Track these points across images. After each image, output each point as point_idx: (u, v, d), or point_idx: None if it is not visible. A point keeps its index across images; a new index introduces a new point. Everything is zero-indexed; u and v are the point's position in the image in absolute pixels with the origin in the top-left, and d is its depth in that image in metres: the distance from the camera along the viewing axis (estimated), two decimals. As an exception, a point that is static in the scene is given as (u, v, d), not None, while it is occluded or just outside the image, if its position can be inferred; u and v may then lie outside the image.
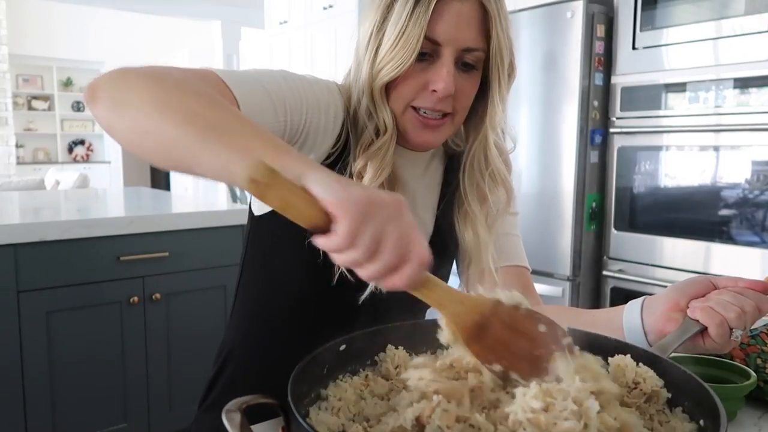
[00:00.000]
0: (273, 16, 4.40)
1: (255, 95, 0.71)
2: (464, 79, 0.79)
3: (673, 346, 0.61)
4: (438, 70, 0.76)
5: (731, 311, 0.65)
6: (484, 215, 0.88)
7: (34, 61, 8.39)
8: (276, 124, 0.74)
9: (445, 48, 0.76)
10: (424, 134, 0.81)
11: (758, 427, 0.71)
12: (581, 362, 0.51)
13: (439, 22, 0.75)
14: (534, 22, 2.38)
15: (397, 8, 0.76)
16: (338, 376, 0.57)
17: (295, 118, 0.76)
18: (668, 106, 2.10)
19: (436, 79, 0.76)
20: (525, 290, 0.92)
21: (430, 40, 0.75)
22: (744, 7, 1.91)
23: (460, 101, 0.80)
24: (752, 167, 1.92)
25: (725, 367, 0.75)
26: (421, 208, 0.90)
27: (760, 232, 1.93)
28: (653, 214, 2.21)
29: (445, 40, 0.76)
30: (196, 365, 2.13)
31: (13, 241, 1.74)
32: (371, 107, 0.80)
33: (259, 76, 0.74)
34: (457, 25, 0.75)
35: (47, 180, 5.72)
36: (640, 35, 2.16)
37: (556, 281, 2.36)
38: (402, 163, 0.87)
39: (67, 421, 1.92)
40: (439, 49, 0.76)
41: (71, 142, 9.25)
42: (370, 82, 0.79)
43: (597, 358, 0.53)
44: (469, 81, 0.80)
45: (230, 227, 2.16)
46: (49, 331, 1.87)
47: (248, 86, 0.71)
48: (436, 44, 0.76)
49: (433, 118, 0.80)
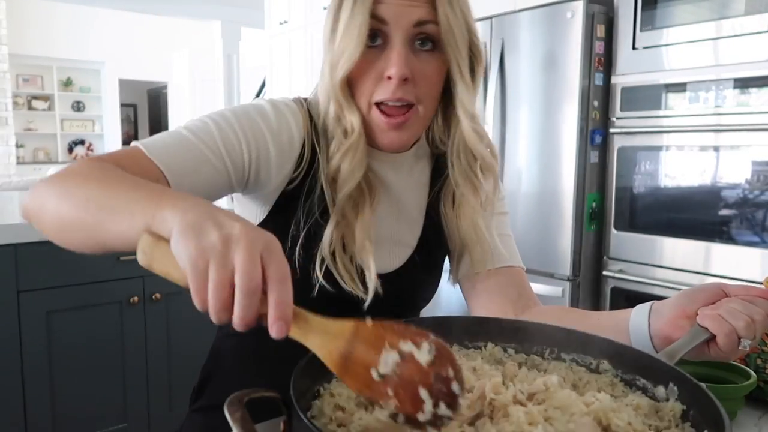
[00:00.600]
0: (273, 16, 4.40)
1: (184, 156, 0.71)
2: (422, 62, 0.76)
3: (681, 352, 0.60)
4: (389, 54, 0.74)
5: (741, 320, 0.63)
6: (478, 204, 0.86)
7: (34, 61, 8.39)
8: (217, 174, 0.74)
9: (394, 29, 0.73)
10: (390, 134, 0.78)
11: (758, 427, 0.71)
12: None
13: (384, 1, 0.73)
14: (534, 22, 2.38)
15: (345, 3, 0.75)
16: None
17: (237, 159, 0.75)
18: (668, 106, 2.10)
19: (388, 64, 0.74)
20: (521, 291, 0.91)
21: (378, 19, 0.73)
22: (744, 7, 1.90)
23: (422, 87, 0.76)
24: (752, 167, 1.92)
25: (725, 367, 0.75)
26: (409, 209, 0.89)
27: (760, 232, 1.93)
28: (653, 214, 2.21)
29: (391, 18, 0.73)
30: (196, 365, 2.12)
31: (13, 241, 1.74)
32: (338, 110, 0.78)
33: (192, 130, 0.74)
34: (402, 1, 0.73)
35: (47, 180, 5.71)
36: (640, 35, 2.15)
37: (556, 281, 2.36)
38: (384, 167, 0.85)
39: (67, 421, 1.92)
40: (388, 31, 0.74)
41: (71, 142, 9.25)
42: (332, 83, 0.77)
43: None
44: (429, 64, 0.76)
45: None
46: (49, 331, 1.87)
47: (175, 150, 0.71)
48: (385, 23, 0.73)
49: (397, 112, 0.76)
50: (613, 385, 0.57)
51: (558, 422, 0.46)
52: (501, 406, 0.48)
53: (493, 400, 0.49)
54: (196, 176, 0.72)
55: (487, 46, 2.55)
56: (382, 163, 0.85)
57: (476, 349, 0.64)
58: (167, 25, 8.59)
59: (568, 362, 0.61)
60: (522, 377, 0.56)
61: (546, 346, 0.63)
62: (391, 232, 0.87)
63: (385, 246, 0.87)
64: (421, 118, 0.79)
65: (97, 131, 9.35)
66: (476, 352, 0.63)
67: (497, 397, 0.49)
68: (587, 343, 0.61)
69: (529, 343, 0.63)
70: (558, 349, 0.62)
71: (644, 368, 0.57)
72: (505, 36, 2.49)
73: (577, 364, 0.61)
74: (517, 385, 0.52)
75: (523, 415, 0.46)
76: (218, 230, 0.44)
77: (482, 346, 0.64)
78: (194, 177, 0.71)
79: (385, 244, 0.86)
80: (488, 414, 0.48)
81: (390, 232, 0.87)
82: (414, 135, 0.81)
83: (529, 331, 0.64)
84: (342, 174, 0.78)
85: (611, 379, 0.58)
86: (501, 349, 0.64)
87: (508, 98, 2.49)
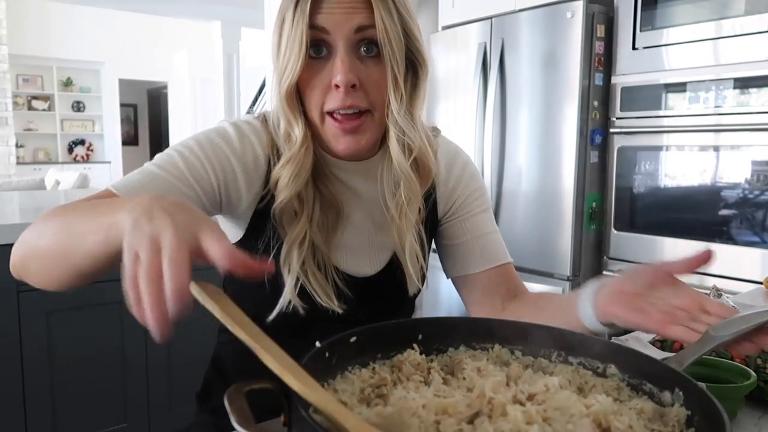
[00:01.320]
0: (273, 16, 4.39)
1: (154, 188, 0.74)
2: (369, 68, 0.76)
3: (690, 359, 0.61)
4: (334, 62, 0.75)
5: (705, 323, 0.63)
6: (406, 216, 0.84)
7: (34, 61, 8.40)
8: (188, 200, 0.76)
9: (336, 36, 0.74)
10: (345, 140, 0.78)
11: (758, 427, 0.71)
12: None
13: (323, 10, 0.74)
14: (534, 22, 2.38)
15: (287, 17, 0.76)
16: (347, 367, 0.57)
17: (206, 185, 0.78)
18: (668, 106, 2.10)
19: (334, 72, 0.74)
20: (511, 285, 0.93)
21: (318, 29, 0.74)
22: (744, 7, 1.91)
23: (372, 93, 0.77)
24: (752, 167, 1.92)
25: (725, 367, 0.75)
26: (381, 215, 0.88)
27: (760, 232, 1.93)
28: (653, 214, 2.21)
29: (331, 26, 0.74)
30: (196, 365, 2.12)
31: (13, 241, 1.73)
32: (286, 123, 0.79)
33: (159, 164, 0.77)
34: (340, 7, 0.74)
35: (47, 180, 5.72)
36: (640, 35, 2.16)
37: (556, 281, 2.36)
38: (352, 176, 0.86)
39: (67, 421, 1.92)
40: (331, 40, 0.75)
41: (71, 142, 9.26)
42: (279, 97, 0.78)
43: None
44: (376, 69, 0.76)
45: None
46: (49, 331, 1.87)
47: (145, 185, 0.74)
48: (326, 33, 0.74)
49: (349, 120, 0.77)
50: (619, 389, 0.57)
51: (557, 423, 0.46)
52: (500, 405, 0.48)
53: (492, 399, 0.49)
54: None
55: (487, 46, 2.55)
56: (349, 173, 0.86)
57: (483, 350, 0.64)
58: (167, 25, 8.60)
59: (575, 365, 0.61)
60: (526, 379, 0.56)
61: (553, 349, 0.63)
62: (369, 237, 0.89)
63: (365, 251, 0.88)
64: (377, 124, 0.79)
65: (97, 131, 9.36)
66: (483, 353, 0.63)
67: (496, 396, 0.49)
68: (594, 346, 0.61)
69: (537, 346, 0.63)
70: (565, 352, 0.62)
71: (651, 373, 0.56)
72: (505, 36, 2.49)
73: (584, 367, 0.61)
74: (519, 386, 0.52)
75: (521, 415, 0.46)
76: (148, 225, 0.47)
77: (489, 348, 0.64)
78: None
79: (364, 249, 0.88)
80: (487, 413, 0.48)
81: (368, 237, 0.89)
82: (370, 140, 0.80)
83: (537, 334, 0.64)
84: (279, 185, 0.79)
85: (617, 383, 0.58)
86: (508, 351, 0.64)
87: (508, 98, 2.49)
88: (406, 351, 0.60)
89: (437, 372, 0.57)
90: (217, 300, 0.46)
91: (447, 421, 0.45)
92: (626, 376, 0.58)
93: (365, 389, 0.54)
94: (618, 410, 0.49)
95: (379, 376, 0.55)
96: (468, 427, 0.46)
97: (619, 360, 0.59)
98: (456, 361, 0.60)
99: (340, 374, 0.55)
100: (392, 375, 0.57)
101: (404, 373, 0.57)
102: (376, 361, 0.59)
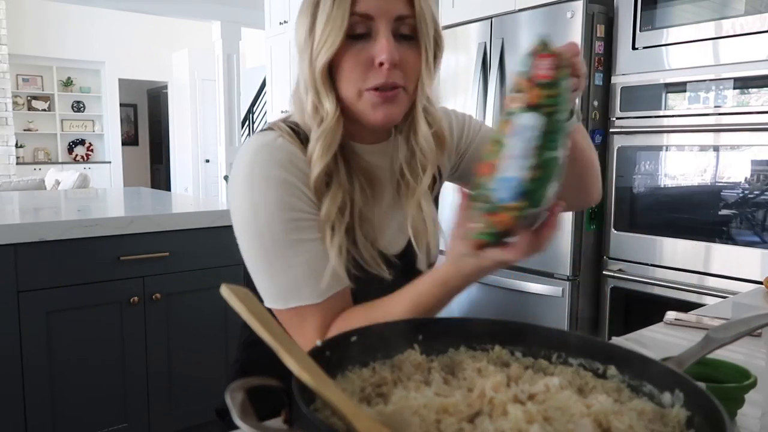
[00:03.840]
0: (273, 16, 4.39)
1: (316, 260, 0.81)
2: (405, 50, 0.82)
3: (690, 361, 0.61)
4: (378, 42, 0.79)
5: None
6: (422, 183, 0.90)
7: (34, 61, 8.40)
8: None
9: (379, 20, 0.79)
10: (384, 108, 0.82)
11: (758, 427, 0.71)
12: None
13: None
14: (534, 22, 2.38)
15: (322, 3, 0.80)
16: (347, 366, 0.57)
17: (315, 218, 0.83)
18: (668, 106, 2.10)
19: (379, 51, 0.79)
20: None
21: (362, 15, 0.79)
22: (744, 7, 1.91)
23: (408, 73, 0.83)
24: (752, 167, 1.92)
25: (725, 367, 0.75)
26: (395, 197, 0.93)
27: (760, 232, 1.93)
28: (653, 214, 2.21)
29: (376, 11, 0.79)
30: (196, 365, 2.13)
31: (13, 241, 1.74)
32: (315, 100, 0.82)
33: (295, 251, 0.81)
34: None
35: (47, 180, 5.72)
36: (640, 35, 2.16)
37: (556, 281, 2.36)
38: (375, 157, 0.90)
39: (67, 421, 1.92)
40: (373, 24, 0.79)
41: (71, 142, 9.26)
42: (312, 74, 0.81)
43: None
44: (410, 52, 0.82)
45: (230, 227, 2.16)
46: (49, 331, 1.87)
47: (312, 271, 0.80)
48: (369, 19, 0.79)
49: (387, 91, 0.81)
50: (619, 391, 0.57)
51: (558, 422, 0.46)
52: (500, 405, 0.48)
53: (492, 398, 0.49)
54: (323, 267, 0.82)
55: (487, 46, 2.55)
56: (368, 154, 0.90)
57: (483, 351, 0.64)
58: (167, 25, 8.59)
59: (575, 367, 0.61)
60: (526, 379, 0.56)
61: (553, 350, 0.63)
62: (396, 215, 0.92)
63: (394, 228, 0.92)
64: (408, 97, 0.85)
65: (97, 131, 9.36)
66: (483, 354, 0.63)
67: (497, 395, 0.49)
68: (594, 347, 0.61)
69: (537, 347, 0.63)
70: (565, 353, 0.62)
71: (651, 374, 0.56)
72: (505, 36, 2.49)
73: (584, 368, 0.61)
74: (519, 386, 0.52)
75: (521, 414, 0.46)
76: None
77: (489, 349, 0.64)
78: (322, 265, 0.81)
79: (393, 226, 0.92)
80: (488, 412, 0.48)
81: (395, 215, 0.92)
82: (401, 113, 0.85)
83: (537, 335, 0.64)
84: (313, 158, 0.82)
85: (618, 384, 0.58)
86: (508, 352, 0.64)
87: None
88: (406, 351, 0.60)
89: (438, 372, 0.57)
90: (244, 301, 0.48)
91: (447, 420, 0.45)
92: (626, 377, 0.58)
93: (366, 388, 0.54)
94: (618, 411, 0.49)
95: (379, 376, 0.55)
96: (468, 426, 0.46)
97: (619, 361, 0.59)
98: (456, 361, 0.60)
99: (340, 373, 0.55)
100: (392, 375, 0.57)
101: (404, 373, 0.57)
102: (377, 361, 0.59)
